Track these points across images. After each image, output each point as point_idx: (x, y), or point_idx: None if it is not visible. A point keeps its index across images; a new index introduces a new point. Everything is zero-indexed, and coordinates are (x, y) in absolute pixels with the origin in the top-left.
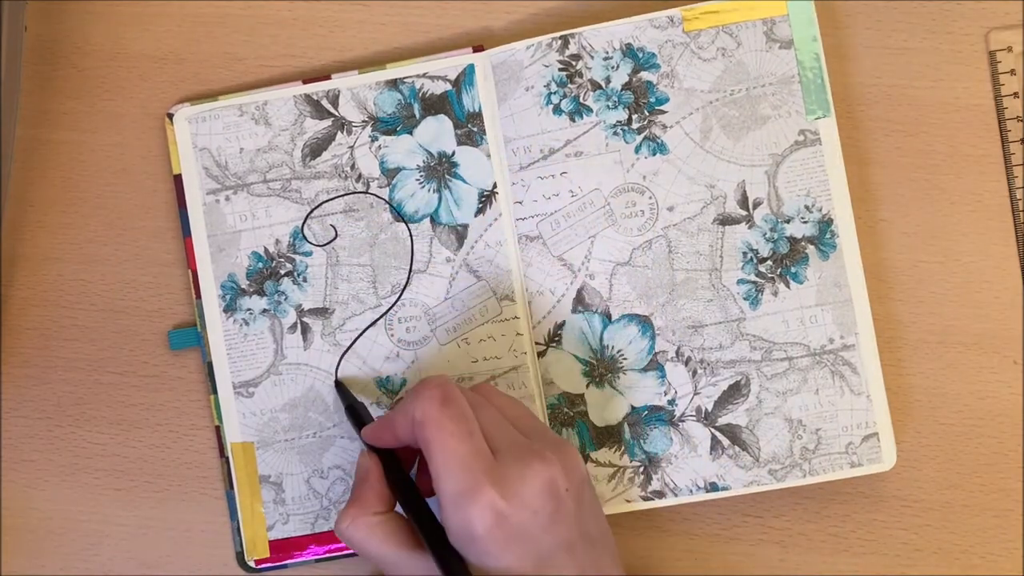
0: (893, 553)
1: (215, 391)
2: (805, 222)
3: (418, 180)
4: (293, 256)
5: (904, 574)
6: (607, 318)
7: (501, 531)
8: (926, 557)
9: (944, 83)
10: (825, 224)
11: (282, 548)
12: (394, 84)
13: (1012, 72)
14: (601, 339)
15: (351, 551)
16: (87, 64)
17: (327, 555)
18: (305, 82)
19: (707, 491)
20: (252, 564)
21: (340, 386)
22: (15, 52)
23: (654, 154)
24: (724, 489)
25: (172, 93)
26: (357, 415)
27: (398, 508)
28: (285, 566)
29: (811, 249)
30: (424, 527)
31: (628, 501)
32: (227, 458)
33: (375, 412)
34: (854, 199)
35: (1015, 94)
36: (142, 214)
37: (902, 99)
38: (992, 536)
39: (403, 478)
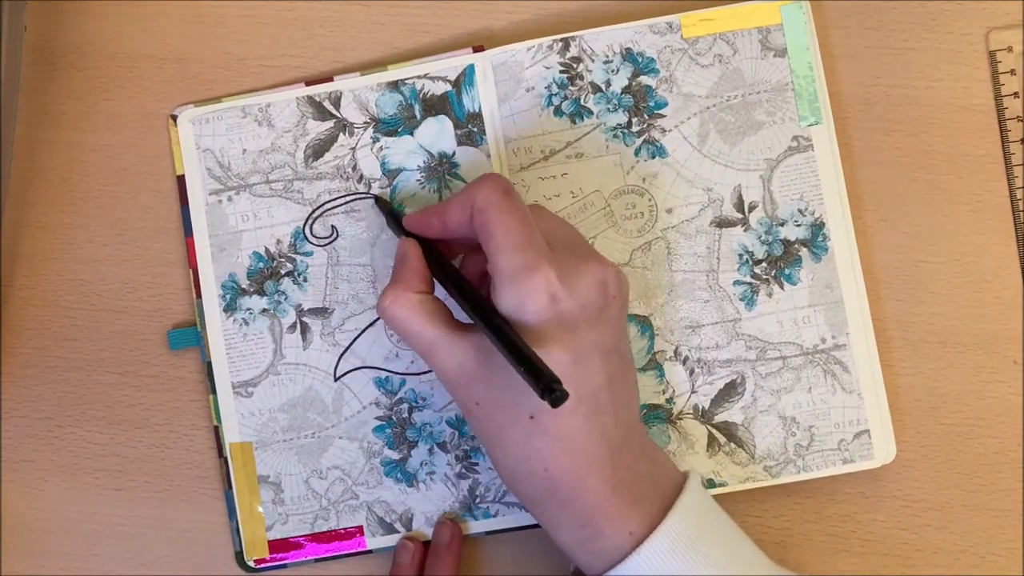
0: (893, 553)
1: (214, 391)
2: (798, 225)
3: (419, 181)
4: (294, 256)
5: (904, 574)
6: None
7: (550, 312)
8: (926, 557)
9: (944, 83)
10: (817, 227)
11: (281, 548)
12: (395, 85)
13: (1012, 72)
14: None
15: (351, 550)
16: (87, 64)
17: (326, 555)
18: (307, 84)
19: (704, 487)
20: (251, 564)
21: (379, 200)
22: (15, 52)
23: (653, 157)
24: (721, 485)
25: (172, 93)
26: (397, 216)
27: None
28: (284, 566)
29: (804, 251)
30: (469, 301)
31: None
32: (226, 458)
33: (374, 412)
34: (854, 199)
35: (1015, 94)
36: (142, 214)
37: (902, 99)
38: (992, 536)
39: (444, 263)
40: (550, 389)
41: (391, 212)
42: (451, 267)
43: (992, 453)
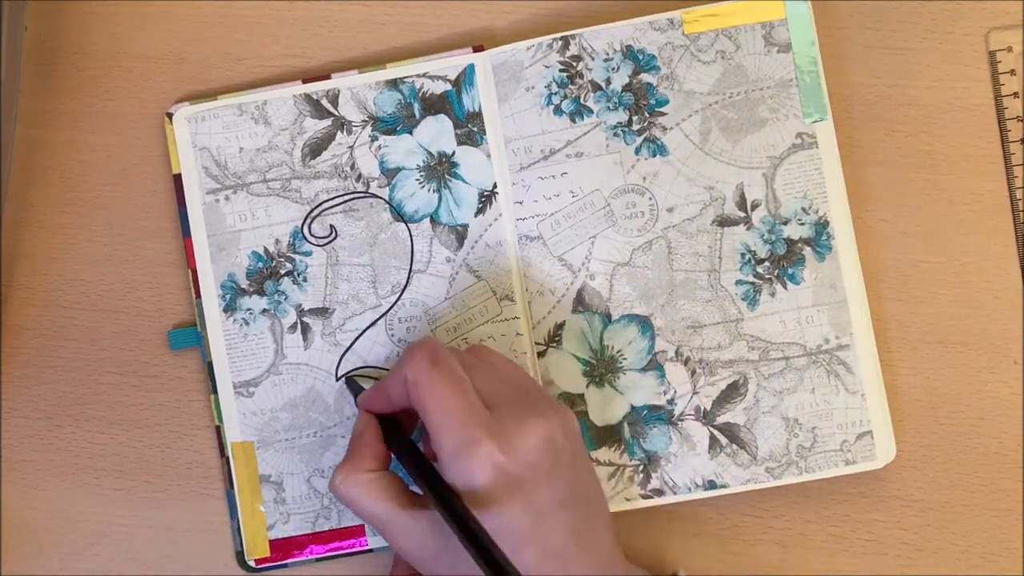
0: (893, 553)
1: (215, 391)
2: (802, 224)
3: (418, 180)
4: (293, 256)
5: (904, 574)
6: (607, 318)
7: (500, 483)
8: (926, 557)
9: (944, 83)
10: (821, 226)
11: (282, 547)
12: (394, 84)
13: (1012, 72)
14: (601, 339)
15: (352, 550)
16: (87, 64)
17: (328, 554)
18: (305, 82)
19: (705, 489)
20: (252, 564)
21: (348, 380)
22: (15, 52)
23: (654, 155)
24: (722, 487)
25: (172, 93)
26: (359, 389)
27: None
28: (285, 565)
29: (807, 251)
30: (424, 478)
31: (628, 499)
32: (227, 458)
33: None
34: (854, 199)
35: (1015, 94)
36: (142, 214)
37: (902, 99)
38: (992, 536)
39: (403, 439)
40: (502, 573)
41: (355, 391)
42: (407, 442)
43: (992, 453)
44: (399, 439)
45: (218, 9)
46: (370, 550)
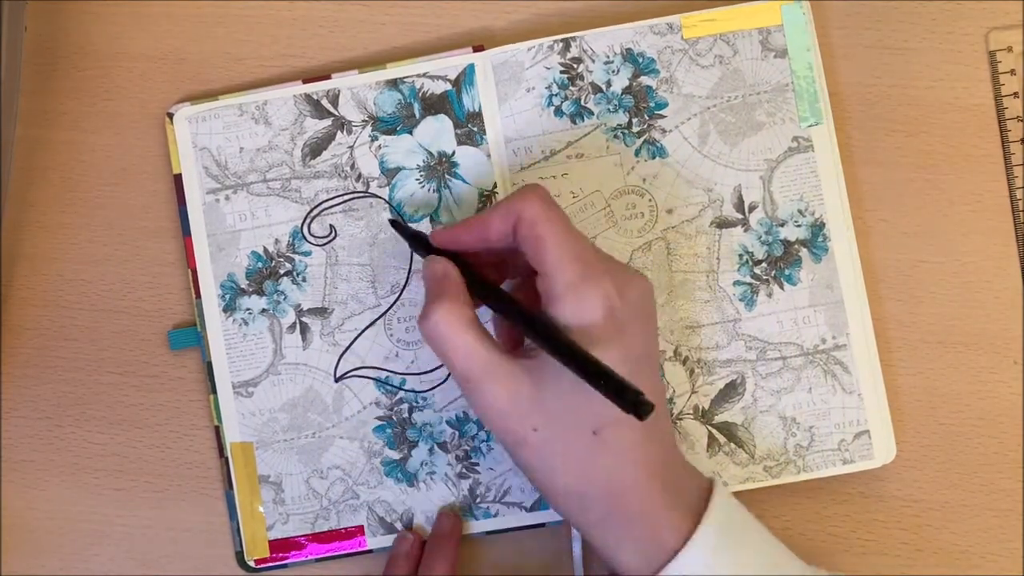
0: (893, 553)
1: (215, 391)
2: (798, 226)
3: (418, 180)
4: (292, 256)
5: (904, 574)
6: None
7: (610, 325)
8: (926, 557)
9: (944, 83)
10: (817, 228)
11: (282, 548)
12: (394, 84)
13: (1012, 72)
14: None
15: (351, 550)
16: (87, 64)
17: (327, 555)
18: (305, 82)
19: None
20: (252, 564)
21: (396, 223)
22: (15, 52)
23: (653, 157)
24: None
25: (172, 93)
26: (419, 235)
27: None
28: (285, 566)
29: (804, 252)
30: (526, 319)
31: None
32: (227, 458)
33: (374, 412)
34: (854, 199)
35: (1015, 94)
36: (142, 214)
37: (902, 99)
38: (992, 536)
39: (486, 284)
40: (636, 403)
41: (412, 233)
42: (494, 287)
43: (992, 453)
44: (486, 284)
45: (218, 9)
46: (370, 550)
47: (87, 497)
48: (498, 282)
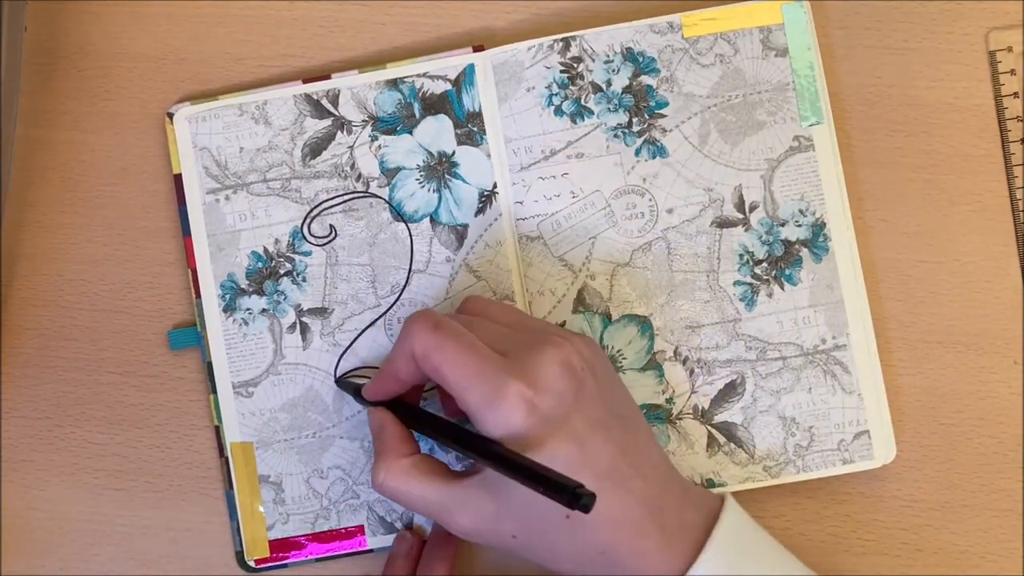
0: (893, 553)
1: (215, 391)
2: (799, 225)
3: (418, 180)
4: (292, 256)
5: (904, 574)
6: (607, 318)
7: (537, 420)
8: (926, 557)
9: (944, 83)
10: (818, 227)
11: (282, 548)
12: (394, 84)
13: (1012, 72)
14: (601, 339)
15: (351, 550)
16: (87, 64)
17: (327, 555)
18: (305, 81)
19: (704, 487)
20: (252, 564)
21: (340, 382)
22: (15, 52)
23: (654, 157)
24: (720, 485)
25: (172, 93)
26: (357, 390)
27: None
28: (285, 565)
29: (804, 252)
30: (460, 442)
31: None
32: (227, 458)
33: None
34: (854, 199)
35: (1015, 94)
36: (142, 214)
37: (902, 99)
38: (992, 536)
39: (424, 414)
40: (576, 496)
41: (355, 387)
42: (426, 415)
43: (992, 453)
44: (419, 416)
45: (218, 9)
46: (370, 550)
47: (87, 497)
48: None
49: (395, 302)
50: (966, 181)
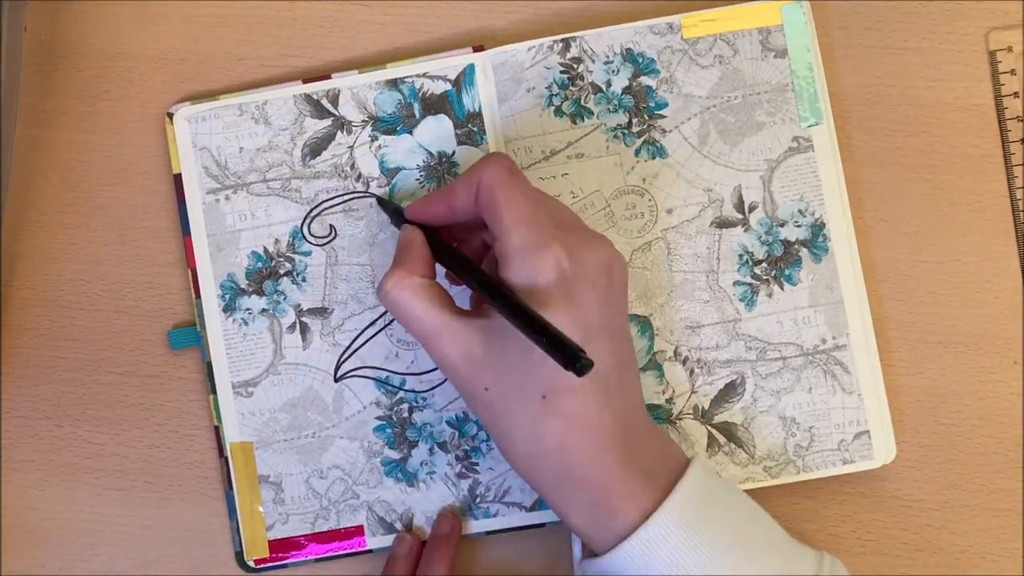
0: (893, 553)
1: (214, 391)
2: (799, 226)
3: (418, 180)
4: (292, 256)
5: (904, 574)
6: None
7: (561, 290)
8: (926, 557)
9: (944, 83)
10: (818, 228)
11: (281, 548)
12: (394, 84)
13: (1012, 72)
14: None
15: (351, 550)
16: (87, 64)
17: (327, 555)
18: (305, 81)
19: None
20: (251, 564)
21: (380, 200)
22: (15, 52)
23: (653, 157)
24: None
25: (172, 93)
26: (400, 210)
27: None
28: (285, 566)
29: (804, 252)
30: (479, 280)
31: None
32: (226, 458)
33: (375, 412)
34: (854, 199)
35: (1015, 94)
36: (142, 214)
37: (902, 99)
38: (992, 536)
39: (447, 247)
40: (575, 359)
41: (393, 208)
42: (455, 250)
43: (992, 453)
44: (447, 249)
45: (218, 9)
46: (370, 550)
47: (87, 497)
48: (473, 257)
49: None
50: (966, 181)
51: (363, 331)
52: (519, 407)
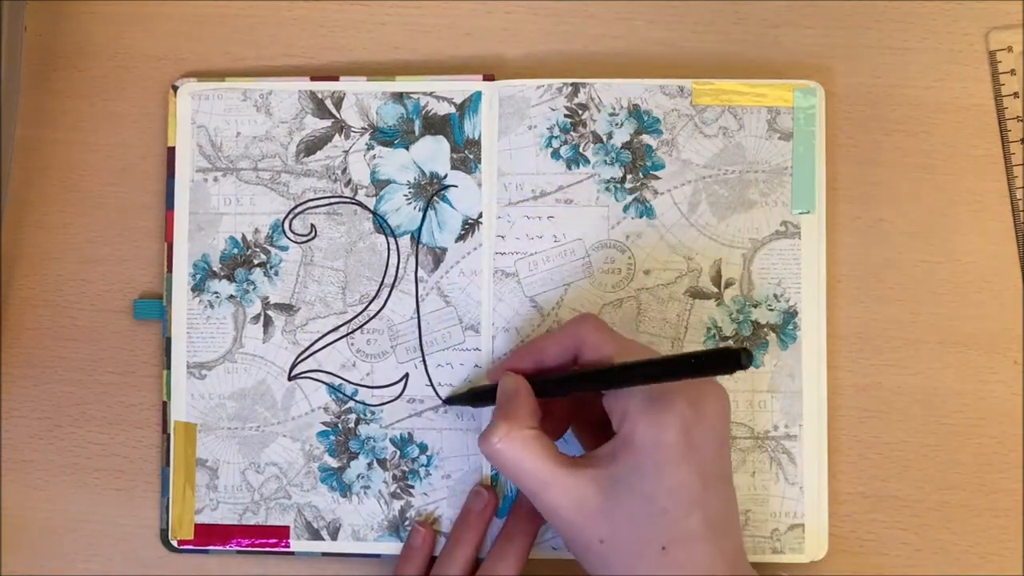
0: (893, 553)
1: (169, 367)
2: (771, 310)
3: (406, 196)
4: (269, 248)
5: (904, 574)
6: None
7: (685, 441)
8: (926, 557)
9: (944, 83)
10: (790, 315)
11: (207, 533)
12: (400, 97)
13: (1012, 72)
14: None
15: (273, 549)
16: (87, 64)
17: (249, 548)
18: (313, 79)
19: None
20: (175, 544)
21: (450, 400)
22: (15, 52)
23: (641, 216)
24: None
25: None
26: (477, 391)
27: None
28: (207, 551)
29: (772, 336)
30: (599, 381)
31: None
32: (168, 435)
33: (321, 417)
34: (854, 199)
35: (1015, 94)
36: (142, 214)
37: (902, 99)
38: (992, 536)
39: (549, 379)
40: (736, 356)
41: (466, 395)
42: (559, 376)
43: (992, 453)
44: (551, 380)
45: (218, 9)
46: (292, 552)
47: (87, 497)
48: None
49: (361, 312)
50: (966, 181)
51: (325, 335)
52: (637, 560)
